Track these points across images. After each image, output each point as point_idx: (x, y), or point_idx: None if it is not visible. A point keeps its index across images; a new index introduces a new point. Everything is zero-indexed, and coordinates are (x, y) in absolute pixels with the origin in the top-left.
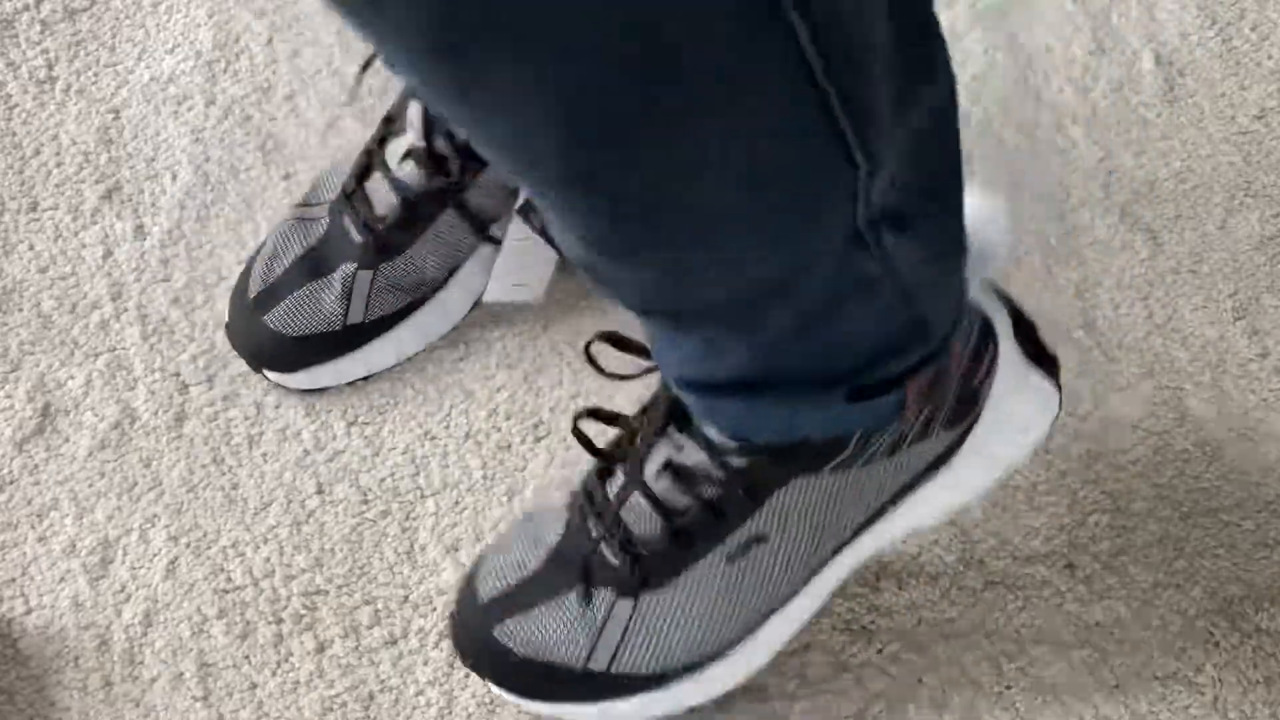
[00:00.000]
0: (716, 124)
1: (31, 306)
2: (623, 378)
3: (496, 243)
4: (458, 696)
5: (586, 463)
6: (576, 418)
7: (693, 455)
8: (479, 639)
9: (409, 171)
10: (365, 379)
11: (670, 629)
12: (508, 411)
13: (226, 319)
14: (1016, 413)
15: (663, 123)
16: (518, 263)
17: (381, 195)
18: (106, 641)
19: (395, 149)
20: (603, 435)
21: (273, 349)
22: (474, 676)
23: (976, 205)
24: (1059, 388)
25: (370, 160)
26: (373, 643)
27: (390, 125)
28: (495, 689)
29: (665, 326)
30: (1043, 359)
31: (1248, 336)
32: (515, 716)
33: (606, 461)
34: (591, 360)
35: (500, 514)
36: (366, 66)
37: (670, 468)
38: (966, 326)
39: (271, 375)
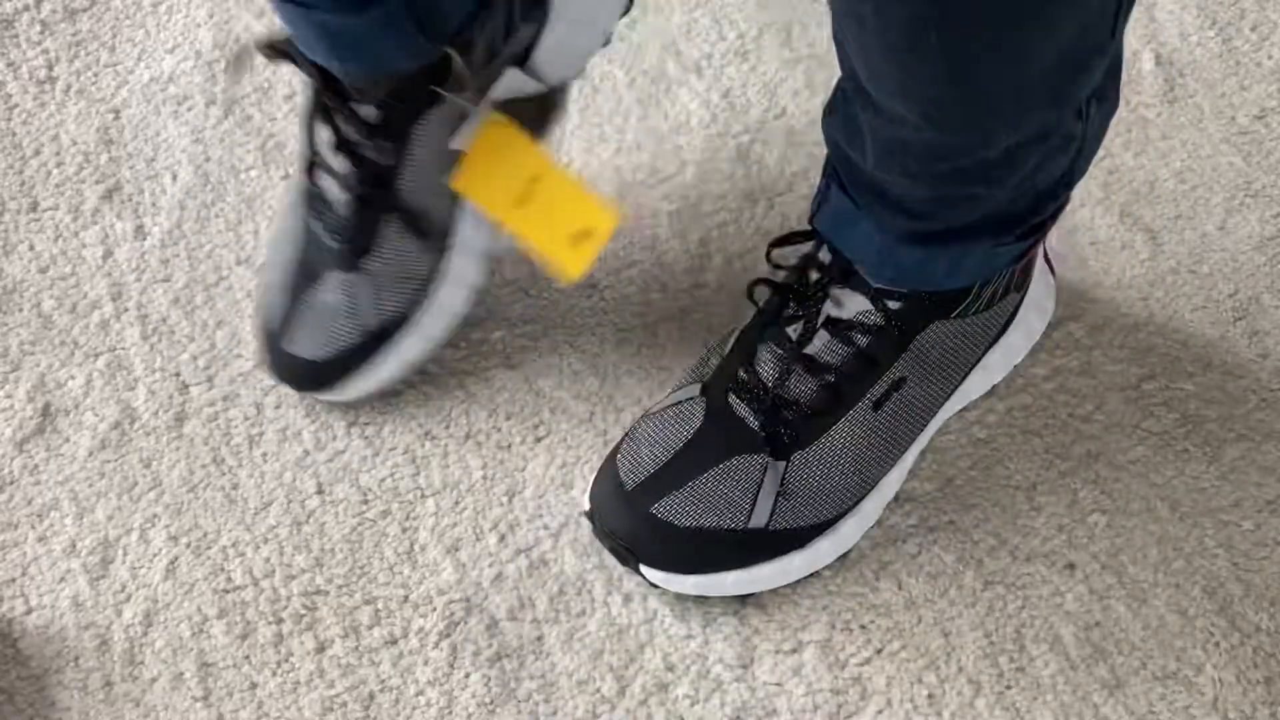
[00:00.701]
0: (1062, 9)
1: (32, 306)
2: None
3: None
4: (458, 696)
5: (592, 461)
6: (751, 285)
7: (852, 306)
8: (635, 522)
9: (341, 163)
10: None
11: (821, 482)
12: (508, 411)
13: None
14: (1038, 295)
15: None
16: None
17: (334, 192)
18: (106, 641)
19: (320, 143)
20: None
21: (308, 374)
22: (474, 676)
23: None
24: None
25: (313, 160)
26: (373, 643)
27: (310, 120)
28: (650, 572)
29: (930, 186)
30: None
31: (1248, 336)
32: (514, 716)
33: (763, 327)
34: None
35: (500, 514)
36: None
37: (828, 324)
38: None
39: (320, 395)
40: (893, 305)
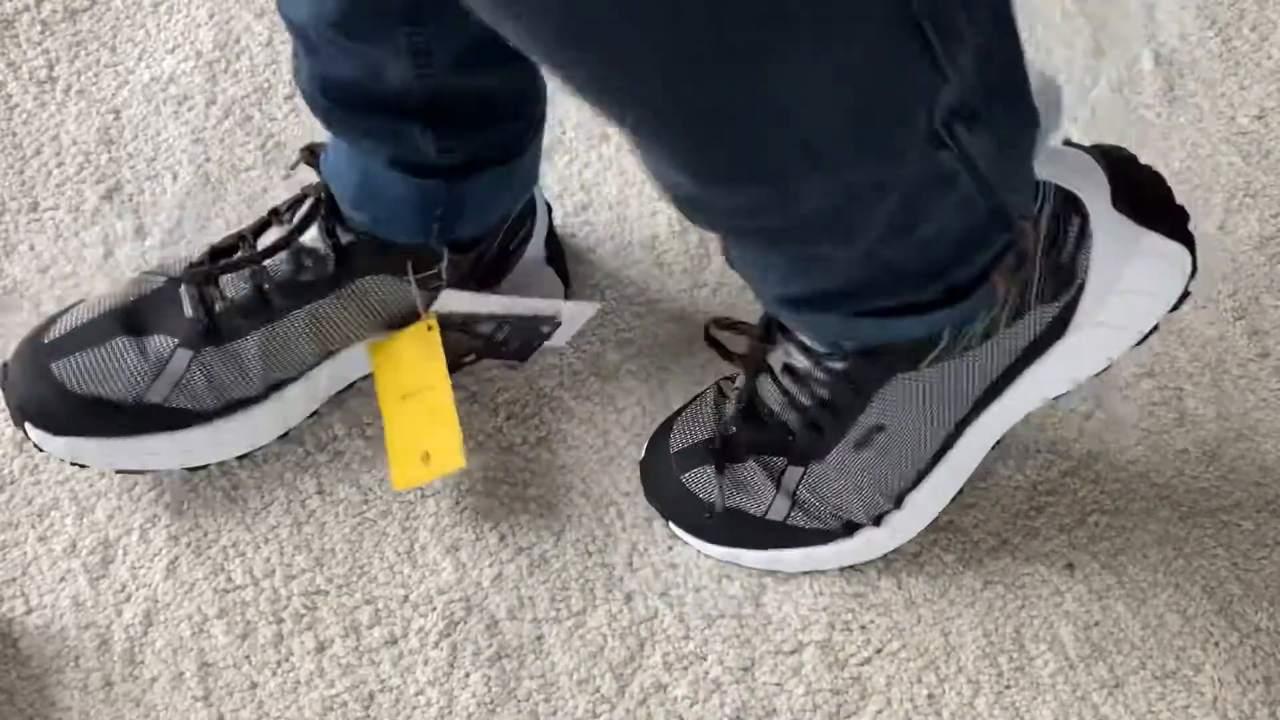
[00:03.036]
0: (816, 46)
1: (32, 307)
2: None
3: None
4: (458, 696)
5: (592, 461)
6: (708, 326)
7: (799, 359)
8: (669, 484)
9: (276, 261)
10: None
11: (831, 495)
12: (508, 411)
13: (7, 359)
14: (1132, 279)
15: (766, 48)
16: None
17: (233, 280)
18: (107, 641)
19: (266, 239)
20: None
21: (46, 403)
22: (474, 676)
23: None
24: (1186, 241)
25: (238, 244)
26: (373, 643)
27: (275, 217)
28: (679, 532)
29: (760, 247)
30: (1160, 218)
31: (1248, 336)
32: (514, 716)
33: (742, 365)
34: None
35: (500, 514)
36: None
37: (788, 370)
38: (1038, 204)
39: (33, 432)
40: (834, 365)
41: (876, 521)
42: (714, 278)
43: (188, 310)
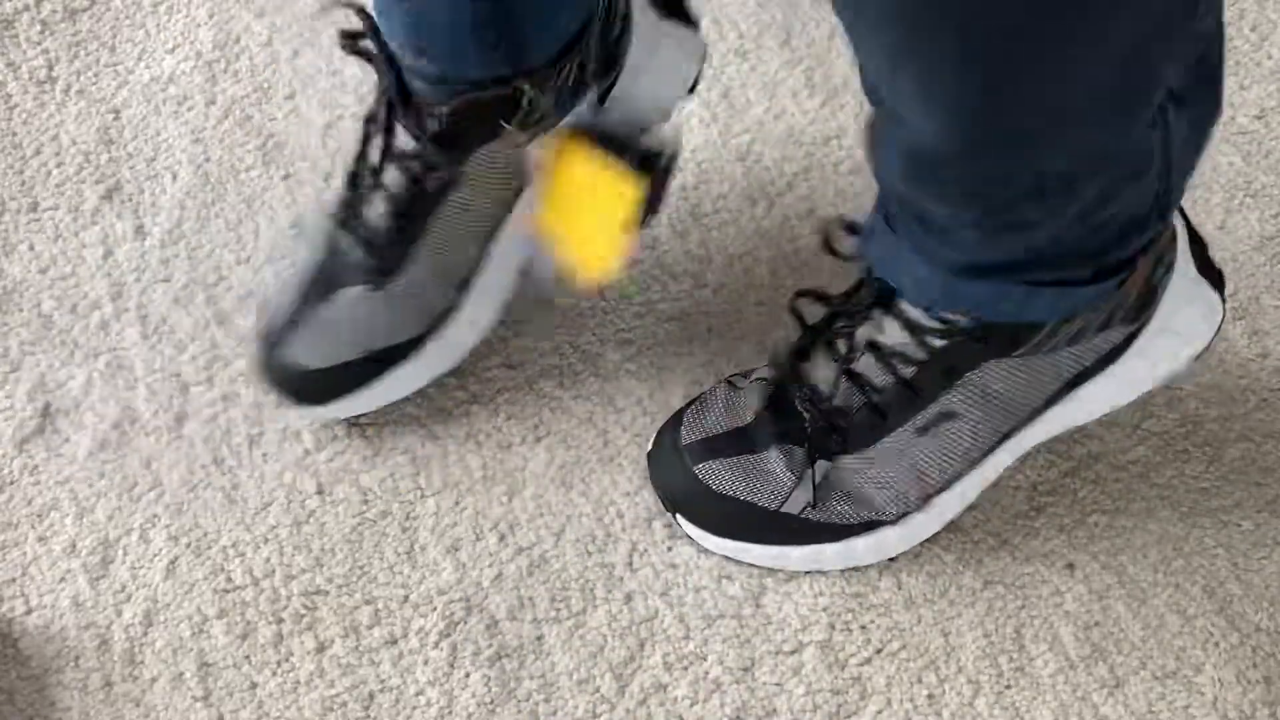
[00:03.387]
0: (1110, 21)
1: (32, 307)
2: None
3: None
4: (458, 696)
5: (592, 461)
6: (794, 297)
7: (894, 335)
8: (679, 476)
9: (391, 177)
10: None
11: (861, 489)
12: (508, 412)
13: (253, 360)
14: (1184, 321)
15: (1071, 28)
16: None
17: (371, 210)
18: (106, 641)
19: (374, 151)
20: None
21: (298, 383)
22: (474, 676)
23: None
24: (1224, 301)
25: (357, 170)
26: (373, 643)
27: (368, 126)
28: (685, 524)
29: (972, 214)
30: (1211, 272)
31: (1248, 336)
32: (514, 716)
33: (814, 338)
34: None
35: (500, 514)
36: None
37: (872, 347)
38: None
39: (302, 410)
40: (936, 342)
41: (898, 520)
42: (715, 278)
43: (357, 254)
